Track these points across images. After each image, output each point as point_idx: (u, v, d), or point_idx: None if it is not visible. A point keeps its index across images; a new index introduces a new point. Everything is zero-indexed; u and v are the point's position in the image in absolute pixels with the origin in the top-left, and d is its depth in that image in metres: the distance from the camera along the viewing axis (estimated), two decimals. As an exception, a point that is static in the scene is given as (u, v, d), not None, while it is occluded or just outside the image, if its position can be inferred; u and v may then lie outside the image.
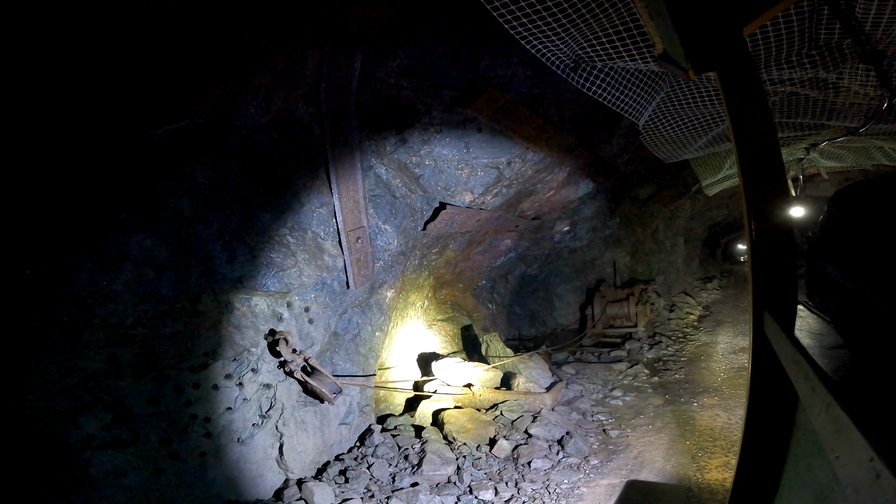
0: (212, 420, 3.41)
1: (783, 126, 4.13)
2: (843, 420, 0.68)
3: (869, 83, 3.01)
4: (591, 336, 8.67)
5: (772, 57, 2.74)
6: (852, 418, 0.66)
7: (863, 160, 5.65)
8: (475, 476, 4.28)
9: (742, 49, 1.82)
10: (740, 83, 1.74)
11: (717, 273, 16.85)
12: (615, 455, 4.65)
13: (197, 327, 3.35)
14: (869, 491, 0.58)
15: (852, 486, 0.63)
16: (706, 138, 4.25)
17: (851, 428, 0.64)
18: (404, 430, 4.97)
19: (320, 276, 4.13)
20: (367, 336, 4.96)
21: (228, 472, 3.48)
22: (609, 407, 5.90)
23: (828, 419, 0.75)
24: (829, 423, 0.74)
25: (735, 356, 7.60)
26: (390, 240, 4.72)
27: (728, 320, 10.23)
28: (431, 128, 4.39)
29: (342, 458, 4.38)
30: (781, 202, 1.55)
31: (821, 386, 0.81)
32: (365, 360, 4.95)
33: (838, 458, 0.68)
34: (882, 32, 2.42)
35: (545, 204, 6.86)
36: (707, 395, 6.01)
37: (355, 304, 4.66)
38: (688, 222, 12.49)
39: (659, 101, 3.53)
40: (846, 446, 0.66)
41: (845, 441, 0.66)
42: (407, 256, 5.26)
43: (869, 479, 0.58)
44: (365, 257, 4.42)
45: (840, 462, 0.68)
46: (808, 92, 3.31)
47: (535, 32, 2.43)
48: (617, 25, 2.42)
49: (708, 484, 3.92)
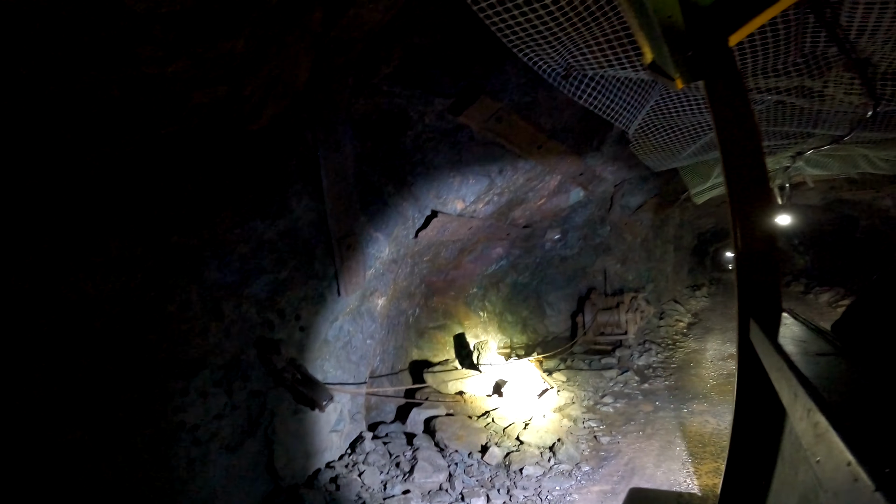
0: (200, 427, 3.38)
1: (770, 134, 4.18)
2: (822, 425, 0.69)
3: (853, 91, 3.06)
4: (581, 343, 8.70)
5: (758, 65, 2.79)
6: (832, 423, 0.67)
7: (848, 168, 5.74)
8: (467, 483, 4.27)
9: (728, 58, 1.85)
10: (726, 93, 1.77)
11: (705, 281, 17.01)
12: (606, 461, 4.65)
13: (186, 334, 3.33)
14: (847, 494, 0.59)
15: (832, 489, 0.64)
16: (695, 147, 4.30)
17: (831, 432, 0.66)
18: (396, 437, 4.94)
19: (311, 283, 4.12)
20: (359, 343, 4.94)
21: (217, 479, 3.45)
22: (600, 414, 5.91)
23: (809, 424, 0.76)
24: (810, 428, 0.75)
25: (723, 363, 7.66)
26: (382, 248, 4.72)
27: (716, 327, 10.31)
28: (423, 135, 4.41)
29: (333, 465, 4.35)
30: (766, 211, 1.57)
31: (802, 392, 0.83)
32: (356, 368, 4.92)
33: (819, 463, 0.70)
34: (867, 40, 2.46)
35: (536, 212, 6.90)
36: (696, 401, 6.04)
37: (346, 312, 4.65)
38: (677, 230, 12.60)
39: (649, 110, 3.58)
40: (826, 451, 0.67)
41: (825, 445, 0.67)
42: (398, 264, 5.26)
43: (847, 482, 0.59)
44: (356, 265, 4.42)
45: (821, 466, 0.69)
46: (794, 100, 3.36)
47: (526, 41, 2.46)
48: (608, 34, 2.44)
49: (699, 490, 3.93)
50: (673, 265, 12.73)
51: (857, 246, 13.31)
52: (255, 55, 2.72)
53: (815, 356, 1.09)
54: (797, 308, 10.37)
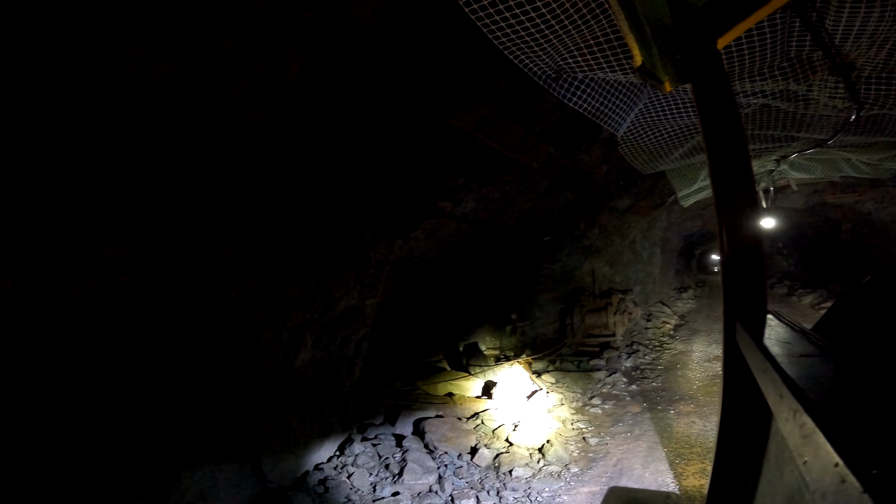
0: (188, 428, 3.33)
1: (755, 138, 4.22)
2: (809, 426, 0.70)
3: (837, 95, 3.11)
4: (570, 345, 8.73)
5: (745, 69, 2.82)
6: (818, 424, 0.67)
7: (831, 172, 5.83)
8: (457, 485, 4.26)
9: (716, 62, 1.87)
10: (714, 96, 1.79)
11: (692, 283, 17.16)
12: (595, 462, 4.67)
13: (171, 334, 3.28)
14: (835, 496, 0.59)
15: (819, 491, 0.64)
16: (682, 150, 4.33)
17: (817, 433, 0.66)
18: (385, 439, 4.92)
19: (300, 284, 4.09)
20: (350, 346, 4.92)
21: (203, 481, 3.41)
22: (588, 415, 5.94)
23: (795, 425, 0.77)
24: (796, 429, 0.76)
25: (710, 364, 7.73)
26: (373, 248, 4.70)
27: (703, 329, 10.41)
28: (413, 137, 4.40)
29: (322, 467, 4.32)
30: (752, 214, 1.59)
31: (788, 393, 0.84)
32: (346, 369, 4.90)
33: (806, 464, 0.70)
34: (851, 44, 2.50)
35: (526, 214, 6.92)
36: (683, 402, 6.09)
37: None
38: (664, 233, 12.70)
39: (637, 113, 3.60)
40: (812, 452, 0.67)
41: (812, 447, 0.68)
42: (389, 264, 5.24)
43: (834, 484, 0.59)
44: (341, 262, 4.39)
45: (807, 467, 0.69)
46: (780, 104, 3.40)
47: (517, 43, 2.46)
48: (598, 37, 2.45)
49: (686, 490, 3.96)
50: (660, 267, 12.84)
51: (840, 249, 13.52)
52: (243, 55, 2.70)
53: (799, 357, 1.10)
54: (781, 310, 10.49)
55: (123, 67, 2.19)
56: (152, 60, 2.26)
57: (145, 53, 2.19)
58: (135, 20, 2.00)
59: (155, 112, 2.66)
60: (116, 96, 2.36)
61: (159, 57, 2.27)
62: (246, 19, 2.51)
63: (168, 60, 2.32)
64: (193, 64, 2.46)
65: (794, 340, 1.30)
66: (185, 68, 2.44)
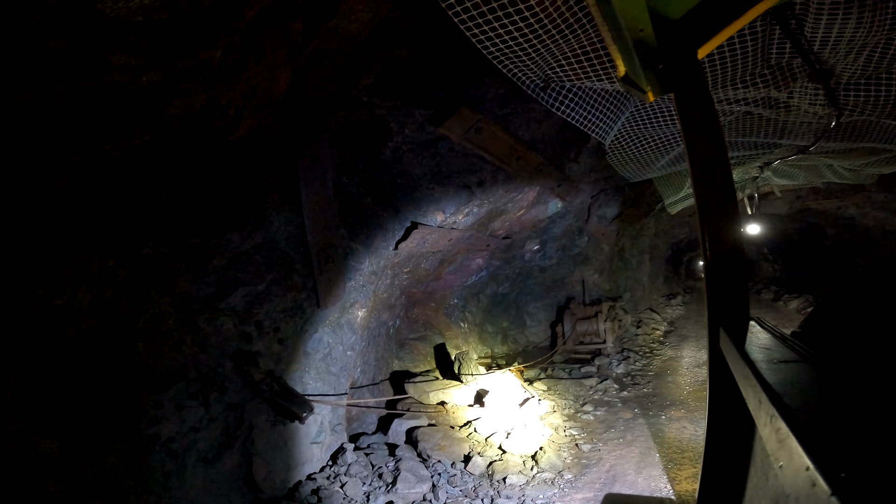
0: (175, 440, 3.30)
1: (738, 145, 4.28)
2: (783, 431, 0.72)
3: (817, 102, 3.16)
4: (561, 353, 8.75)
5: (727, 77, 2.87)
6: (792, 429, 0.69)
7: (814, 178, 5.92)
8: (451, 494, 4.24)
9: (696, 71, 1.91)
10: (695, 105, 1.82)
11: (680, 289, 17.26)
12: (588, 469, 4.68)
13: (160, 346, 3.26)
14: (807, 499, 0.61)
15: (793, 494, 0.66)
16: (668, 158, 4.39)
17: (791, 438, 0.68)
18: (378, 448, 4.89)
19: (290, 295, 4.08)
20: (339, 355, 4.90)
21: (194, 492, 3.37)
22: (581, 422, 5.95)
23: (772, 430, 0.79)
24: (773, 434, 0.78)
25: (699, 369, 7.79)
26: (361, 259, 4.70)
27: (692, 335, 10.48)
28: (403, 147, 4.43)
29: (314, 477, 4.29)
30: (733, 221, 1.62)
31: (766, 399, 0.86)
32: (336, 380, 4.87)
33: (781, 468, 0.72)
34: (829, 51, 2.55)
35: (515, 223, 6.95)
36: (674, 407, 6.12)
37: (326, 324, 4.61)
38: (652, 240, 12.80)
39: (624, 122, 3.65)
40: (787, 456, 0.69)
41: (786, 451, 0.70)
42: (378, 276, 5.24)
43: (806, 487, 0.61)
44: (336, 277, 4.39)
45: (783, 471, 0.71)
46: (762, 111, 3.46)
47: (506, 52, 2.49)
48: (585, 46, 2.49)
49: (679, 495, 3.98)
50: (649, 274, 12.92)
51: (825, 253, 13.69)
52: (232, 65, 2.71)
53: (778, 363, 1.13)
54: (767, 315, 10.61)
55: (110, 76, 2.19)
56: (140, 70, 2.26)
57: (133, 63, 2.20)
58: (123, 30, 2.01)
59: (143, 121, 2.66)
60: (102, 105, 2.36)
61: (147, 66, 2.27)
62: (235, 29, 2.52)
63: (156, 69, 2.33)
64: (182, 73, 2.46)
65: (774, 346, 1.33)
66: (173, 77, 2.44)
